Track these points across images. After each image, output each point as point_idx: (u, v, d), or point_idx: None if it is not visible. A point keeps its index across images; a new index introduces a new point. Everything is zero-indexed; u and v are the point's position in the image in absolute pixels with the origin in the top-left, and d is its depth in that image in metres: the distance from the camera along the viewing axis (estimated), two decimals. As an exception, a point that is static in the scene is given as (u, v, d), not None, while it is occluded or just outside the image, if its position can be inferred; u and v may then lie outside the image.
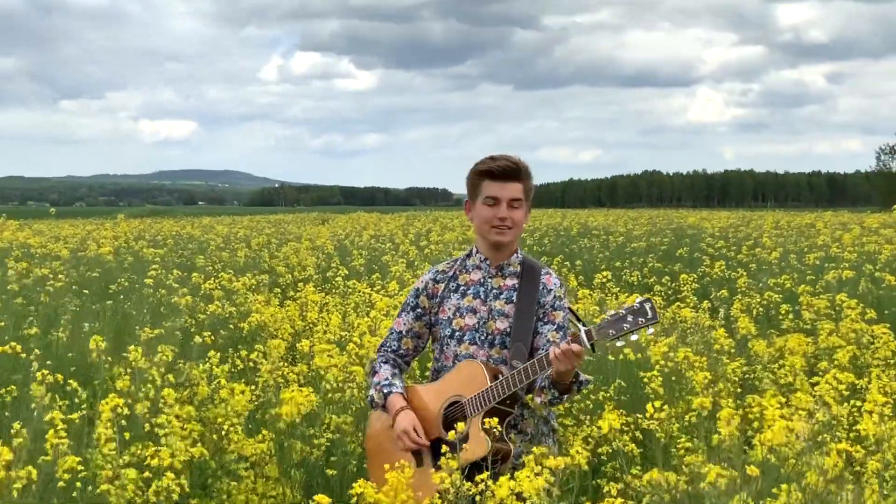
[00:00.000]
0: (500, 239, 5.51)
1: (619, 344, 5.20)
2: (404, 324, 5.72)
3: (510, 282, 5.60)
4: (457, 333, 5.52)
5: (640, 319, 5.08)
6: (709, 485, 4.01)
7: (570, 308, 5.64)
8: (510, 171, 5.48)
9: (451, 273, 5.66)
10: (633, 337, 5.16)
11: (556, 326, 5.56)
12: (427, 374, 6.21)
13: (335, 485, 6.68)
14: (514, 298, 5.57)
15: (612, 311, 5.23)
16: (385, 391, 5.49)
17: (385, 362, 5.63)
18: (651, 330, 5.24)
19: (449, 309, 5.57)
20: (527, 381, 5.23)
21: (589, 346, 5.10)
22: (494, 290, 5.57)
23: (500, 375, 5.29)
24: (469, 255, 5.71)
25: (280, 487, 6.80)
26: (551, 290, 5.63)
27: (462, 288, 5.59)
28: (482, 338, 5.49)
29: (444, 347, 5.57)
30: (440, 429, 5.30)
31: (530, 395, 5.42)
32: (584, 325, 5.13)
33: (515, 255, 5.67)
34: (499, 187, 5.45)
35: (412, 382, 5.94)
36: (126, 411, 5.97)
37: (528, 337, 5.49)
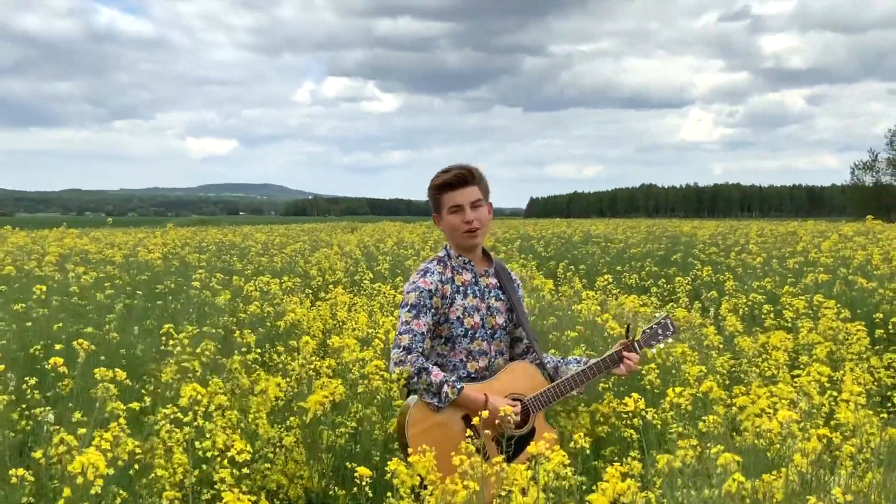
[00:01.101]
0: (472, 241, 5.59)
1: (652, 350, 5.67)
2: (425, 325, 5.56)
3: (493, 280, 5.69)
4: (469, 332, 5.53)
5: (667, 332, 5.83)
6: (720, 466, 3.99)
7: (628, 325, 5.96)
8: (464, 177, 5.58)
9: (448, 275, 5.65)
10: (661, 346, 5.61)
11: (527, 314, 5.69)
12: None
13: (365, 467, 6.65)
14: (502, 296, 5.62)
15: (647, 326, 5.71)
16: (458, 386, 5.35)
17: (427, 361, 5.52)
18: (671, 340, 5.68)
19: (458, 309, 5.55)
20: (587, 383, 5.34)
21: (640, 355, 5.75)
22: (486, 289, 5.62)
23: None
24: (449, 257, 5.71)
25: (308, 470, 6.79)
26: (517, 280, 5.79)
27: (462, 288, 5.59)
28: (486, 333, 5.52)
29: (455, 344, 5.54)
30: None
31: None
32: (631, 339, 5.55)
33: (486, 253, 5.73)
34: (458, 195, 5.55)
35: None
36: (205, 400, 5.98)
37: (534, 331, 5.56)
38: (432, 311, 5.57)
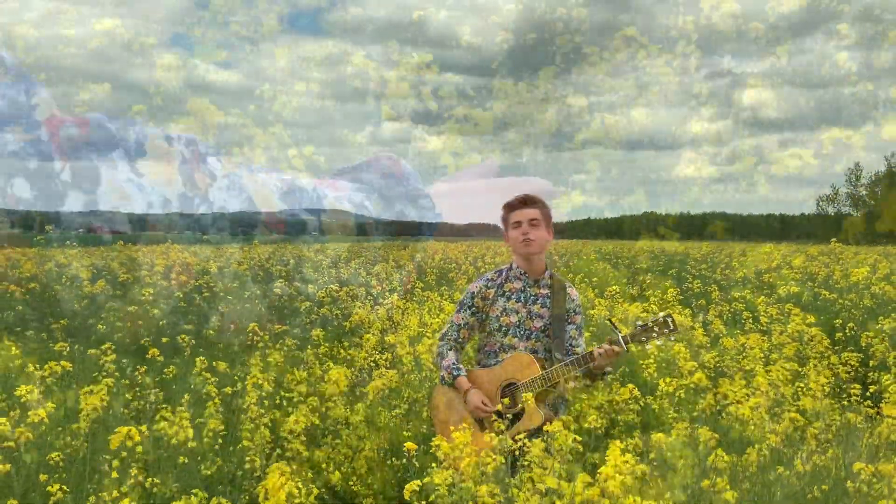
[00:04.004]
0: (528, 250, 5.68)
1: (647, 347, 5.41)
2: (462, 318, 5.82)
3: (544, 291, 5.71)
4: (503, 328, 5.64)
5: (665, 330, 5.41)
6: (702, 444, 4.04)
7: (610, 320, 5.78)
8: (525, 200, 5.75)
9: (498, 281, 5.79)
10: (659, 342, 5.37)
11: (575, 327, 5.71)
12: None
13: (413, 441, 6.69)
14: (548, 304, 5.66)
15: (642, 322, 5.42)
16: (455, 373, 5.62)
17: (450, 349, 5.74)
18: (673, 338, 5.44)
19: (497, 308, 5.69)
20: (572, 372, 5.34)
21: (625, 348, 5.37)
22: (532, 297, 5.68)
23: (545, 366, 5.42)
24: (510, 269, 5.82)
25: (370, 443, 6.86)
26: (574, 300, 5.76)
27: (507, 293, 5.71)
28: (521, 332, 5.61)
29: (491, 337, 5.70)
30: (498, 403, 5.39)
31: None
32: (620, 333, 5.35)
33: (546, 271, 5.78)
34: (519, 213, 5.72)
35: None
36: (267, 386, 6.09)
37: (563, 334, 5.59)
38: (472, 308, 5.82)
